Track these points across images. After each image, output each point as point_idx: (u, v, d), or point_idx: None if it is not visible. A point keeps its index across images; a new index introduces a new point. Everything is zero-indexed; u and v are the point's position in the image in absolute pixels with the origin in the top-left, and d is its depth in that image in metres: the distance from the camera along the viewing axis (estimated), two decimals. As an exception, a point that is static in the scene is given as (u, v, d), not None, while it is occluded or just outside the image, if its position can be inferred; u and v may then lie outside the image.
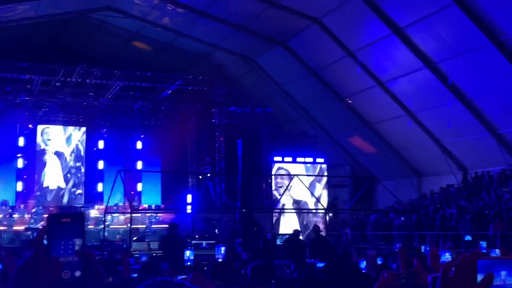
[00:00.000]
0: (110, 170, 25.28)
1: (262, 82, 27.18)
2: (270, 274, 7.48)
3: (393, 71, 21.60)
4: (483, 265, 1.29)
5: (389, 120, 23.69)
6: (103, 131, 27.53)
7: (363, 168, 27.56)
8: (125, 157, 27.80)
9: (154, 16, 23.84)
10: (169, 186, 28.27)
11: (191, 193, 27.87)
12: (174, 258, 11.41)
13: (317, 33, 21.73)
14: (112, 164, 25.86)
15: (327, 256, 12.49)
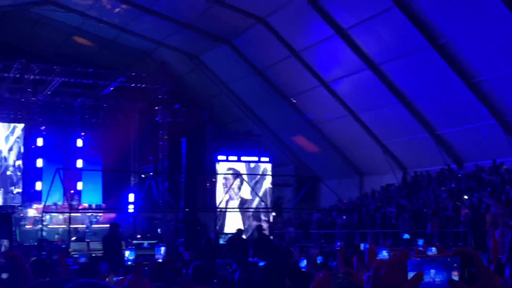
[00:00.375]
0: (49, 168, 24.58)
1: (207, 80, 27.05)
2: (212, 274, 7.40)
3: (337, 72, 21.89)
4: (414, 264, 1.31)
5: (332, 120, 24.00)
6: (42, 128, 26.73)
7: (307, 168, 27.83)
8: (65, 155, 27.09)
9: (96, 11, 23.34)
10: (111, 185, 27.75)
11: (133, 192, 27.44)
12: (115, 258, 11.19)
13: (262, 33, 21.78)
14: (52, 162, 25.13)
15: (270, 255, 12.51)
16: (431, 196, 20.24)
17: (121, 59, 27.69)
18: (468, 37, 17.24)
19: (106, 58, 27.71)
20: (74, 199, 25.64)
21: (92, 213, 25.30)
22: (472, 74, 18.19)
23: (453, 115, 19.89)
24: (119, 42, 26.35)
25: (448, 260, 1.32)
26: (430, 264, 1.31)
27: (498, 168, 19.35)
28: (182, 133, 28.02)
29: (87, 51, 27.77)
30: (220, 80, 26.65)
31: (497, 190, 17.65)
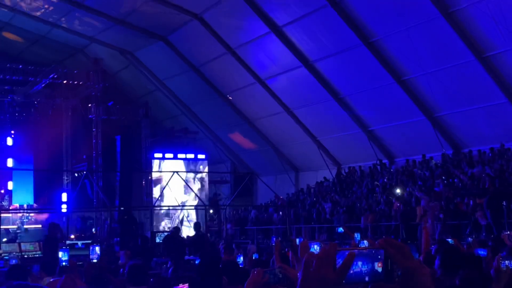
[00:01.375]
0: (-24, 168, 23.69)
1: (142, 77, 26.70)
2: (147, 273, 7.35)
3: (272, 69, 22.06)
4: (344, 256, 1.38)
5: (268, 117, 24.19)
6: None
7: (244, 164, 27.97)
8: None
9: (26, 5, 22.59)
10: (43, 184, 26.96)
11: (66, 192, 26.77)
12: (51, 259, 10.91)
13: (198, 29, 21.69)
14: (-21, 161, 24.24)
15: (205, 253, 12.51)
16: (364, 191, 20.75)
17: (53, 55, 26.93)
18: (398, 35, 17.77)
19: (37, 54, 26.89)
20: (5, 199, 24.82)
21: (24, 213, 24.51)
22: (402, 71, 18.76)
23: (384, 111, 20.46)
24: (50, 37, 25.61)
25: (373, 252, 1.41)
26: (358, 257, 1.39)
27: (427, 162, 20.06)
28: (116, 130, 27.53)
29: (17, 46, 26.85)
30: (155, 76, 26.36)
31: (426, 185, 18.29)
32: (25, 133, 26.75)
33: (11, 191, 26.21)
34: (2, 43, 26.57)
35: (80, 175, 26.32)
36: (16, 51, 27.10)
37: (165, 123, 28.89)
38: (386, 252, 1.43)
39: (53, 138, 26.62)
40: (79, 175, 26.62)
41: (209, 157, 27.13)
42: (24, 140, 26.77)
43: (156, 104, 27.75)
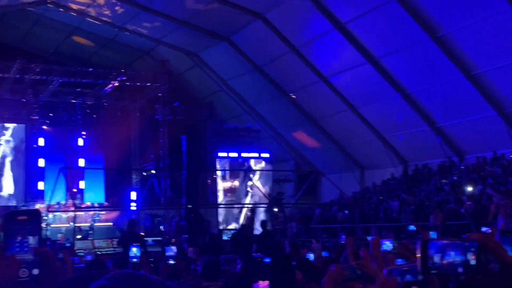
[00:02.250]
0: (51, 168, 24.66)
1: (206, 77, 27.07)
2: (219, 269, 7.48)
3: (336, 66, 21.91)
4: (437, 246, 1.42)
5: (332, 115, 24.03)
6: (43, 128, 26.77)
7: (308, 163, 27.88)
8: (66, 154, 27.15)
9: (95, 10, 23.34)
10: (113, 183, 27.81)
11: (135, 190, 27.48)
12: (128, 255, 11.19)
13: (261, 28, 21.80)
14: (53, 161, 25.21)
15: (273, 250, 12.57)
16: (432, 189, 20.30)
17: (121, 57, 27.72)
18: (467, 29, 17.29)
19: (105, 57, 27.73)
20: (77, 198, 25.71)
21: (95, 211, 25.36)
22: (472, 66, 18.24)
23: (453, 107, 19.95)
24: (118, 41, 26.35)
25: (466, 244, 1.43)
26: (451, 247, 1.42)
27: (499, 159, 19.42)
28: (182, 130, 28.05)
29: (87, 50, 27.78)
30: (219, 77, 26.66)
31: (498, 182, 17.72)
32: (96, 134, 27.66)
33: (83, 190, 27.16)
34: (73, 47, 27.55)
35: (148, 174, 27.00)
36: (86, 55, 28.03)
37: (229, 123, 29.18)
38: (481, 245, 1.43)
39: (122, 139, 27.38)
40: (147, 174, 27.29)
41: (272, 156, 27.22)
42: (94, 140, 27.68)
43: (221, 104, 28.08)
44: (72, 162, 26.87)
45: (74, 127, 27.57)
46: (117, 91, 26.82)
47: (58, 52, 27.80)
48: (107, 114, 27.63)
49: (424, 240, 1.77)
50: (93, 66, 25.92)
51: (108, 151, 27.50)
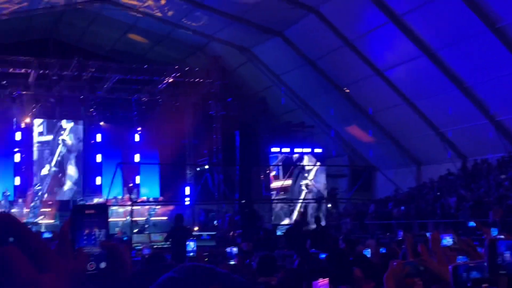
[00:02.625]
0: (108, 163, 25.24)
1: (259, 72, 27.08)
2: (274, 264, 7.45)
3: (391, 60, 21.54)
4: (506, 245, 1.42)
5: (387, 109, 23.65)
6: (100, 124, 27.43)
7: (362, 158, 27.55)
8: (122, 150, 27.74)
9: (150, 8, 23.70)
10: (167, 178, 28.23)
11: (189, 185, 27.85)
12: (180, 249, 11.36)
13: (314, 22, 21.64)
14: (110, 157, 25.80)
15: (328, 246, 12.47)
16: (492, 185, 19.72)
17: (175, 54, 28.06)
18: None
19: (160, 54, 28.14)
20: (133, 192, 26.22)
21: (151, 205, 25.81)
22: (534, 57, 17.60)
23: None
24: (172, 37, 26.67)
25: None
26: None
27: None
28: (235, 126, 28.20)
29: (142, 47, 28.25)
30: (272, 72, 26.64)
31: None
32: (151, 130, 28.13)
33: (138, 184, 27.69)
34: (128, 44, 28.07)
35: (201, 169, 27.29)
36: (141, 52, 28.51)
37: (282, 118, 29.14)
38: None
39: (176, 134, 27.77)
40: (201, 169, 27.59)
41: (326, 151, 27.03)
42: (149, 136, 28.17)
43: (273, 99, 28.06)
44: (128, 158, 27.44)
45: (130, 123, 28.12)
46: (172, 88, 27.19)
47: (114, 49, 28.39)
48: (161, 110, 28.05)
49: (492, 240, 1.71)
50: (148, 63, 26.36)
51: (163, 147, 27.94)
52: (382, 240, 18.18)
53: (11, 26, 25.16)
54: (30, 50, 24.86)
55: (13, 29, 25.67)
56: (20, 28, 25.98)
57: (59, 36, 28.31)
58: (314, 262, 8.43)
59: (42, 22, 26.29)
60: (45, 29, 27.60)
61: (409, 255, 5.75)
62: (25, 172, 26.06)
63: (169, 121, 27.63)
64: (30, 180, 26.11)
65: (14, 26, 25.27)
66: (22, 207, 24.76)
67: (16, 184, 25.62)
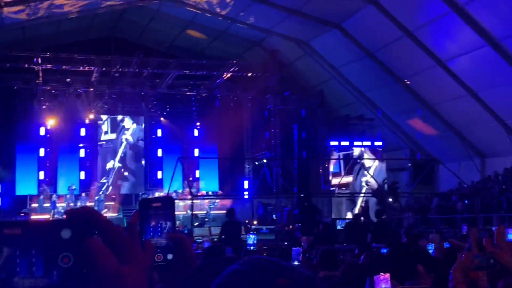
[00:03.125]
0: (168, 157, 25.73)
1: (317, 66, 26.89)
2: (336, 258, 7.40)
3: (454, 50, 20.93)
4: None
5: (449, 101, 23.03)
6: (161, 119, 27.96)
7: (423, 151, 26.97)
8: (182, 144, 28.22)
9: (207, 3, 23.91)
10: (226, 172, 28.51)
11: (247, 179, 28.02)
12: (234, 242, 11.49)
13: (373, 13, 21.26)
14: (170, 152, 26.31)
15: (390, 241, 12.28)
16: (562, 178, 18.94)
17: (232, 49, 28.22)
18: None
19: (218, 49, 28.36)
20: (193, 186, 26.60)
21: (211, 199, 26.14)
22: None
23: None
24: (230, 32, 26.83)
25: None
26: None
27: None
28: (293, 119, 28.15)
29: (200, 43, 28.54)
30: (330, 65, 26.40)
31: None
32: (209, 125, 28.47)
33: (198, 178, 28.08)
34: (187, 40, 28.42)
35: (260, 163, 27.39)
36: (199, 48, 28.83)
37: (340, 111, 28.86)
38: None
39: (234, 128, 27.99)
40: (259, 163, 27.69)
41: (386, 144, 26.60)
42: (208, 131, 28.51)
43: (331, 92, 27.82)
44: (188, 152, 27.88)
45: (189, 118, 28.56)
46: (229, 82, 27.39)
47: (174, 46, 28.81)
48: (220, 105, 28.33)
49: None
50: (206, 58, 26.64)
51: (222, 141, 28.22)
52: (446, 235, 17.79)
53: (74, 26, 25.93)
54: (93, 48, 25.58)
55: (76, 28, 26.44)
56: (83, 27, 26.74)
57: (120, 33, 28.98)
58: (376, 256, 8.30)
59: (103, 20, 26.97)
60: (106, 28, 28.31)
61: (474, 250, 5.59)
62: (89, 167, 26.89)
63: (228, 115, 27.87)
64: (95, 174, 26.92)
65: (77, 25, 26.02)
66: (86, 200, 25.53)
67: (81, 179, 26.46)
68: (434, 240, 12.18)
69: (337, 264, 7.18)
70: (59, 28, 25.48)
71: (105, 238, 1.04)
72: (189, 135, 28.67)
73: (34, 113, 25.90)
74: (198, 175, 28.09)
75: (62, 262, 0.98)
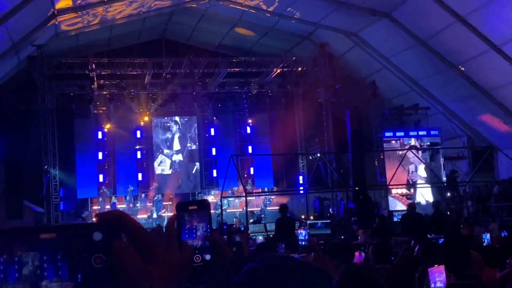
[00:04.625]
0: (222, 156, 25.96)
1: (367, 56, 26.53)
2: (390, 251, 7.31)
3: (508, 33, 20.25)
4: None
5: (507, 85, 22.31)
6: (213, 118, 28.25)
7: (482, 138, 26.22)
8: (235, 142, 28.42)
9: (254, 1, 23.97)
10: (280, 168, 28.54)
11: (302, 174, 27.95)
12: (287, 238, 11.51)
13: (423, 1, 20.82)
14: (224, 150, 26.53)
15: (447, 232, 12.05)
16: None
17: (281, 44, 28.20)
18: None
19: (267, 45, 28.39)
20: (248, 183, 26.78)
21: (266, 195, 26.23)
22: None
23: None
24: (278, 28, 26.81)
25: None
26: None
27: None
28: (346, 112, 27.88)
29: (249, 40, 28.65)
30: (381, 55, 26.00)
31: None
32: (262, 121, 28.56)
33: (253, 175, 28.23)
34: (236, 39, 28.58)
35: (314, 158, 27.28)
36: (248, 45, 28.94)
37: (394, 101, 28.39)
38: None
39: (286, 124, 27.99)
40: (313, 157, 27.59)
41: (442, 133, 26.00)
42: (261, 128, 28.60)
43: (384, 83, 27.39)
44: (241, 150, 28.07)
45: (241, 116, 28.73)
46: (280, 78, 27.38)
47: (223, 45, 29.03)
48: (271, 101, 28.36)
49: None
50: (256, 55, 26.72)
51: (275, 137, 28.26)
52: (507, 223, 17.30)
53: (125, 31, 26.50)
54: (144, 51, 26.10)
55: (128, 33, 27.01)
56: (134, 31, 27.29)
57: (170, 36, 29.42)
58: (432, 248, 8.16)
59: (153, 23, 27.43)
60: (156, 31, 28.79)
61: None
62: (146, 168, 27.45)
63: (279, 111, 27.89)
64: (152, 175, 27.48)
65: (128, 30, 26.58)
66: (146, 201, 26.09)
67: (139, 180, 27.05)
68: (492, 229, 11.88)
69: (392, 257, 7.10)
70: (111, 34, 26.10)
71: (133, 240, 1.09)
72: (242, 133, 28.86)
73: (91, 118, 26.66)
74: (253, 172, 28.24)
75: (95, 262, 1.04)
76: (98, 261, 1.04)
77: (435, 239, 10.80)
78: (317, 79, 26.98)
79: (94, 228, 1.06)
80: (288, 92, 28.37)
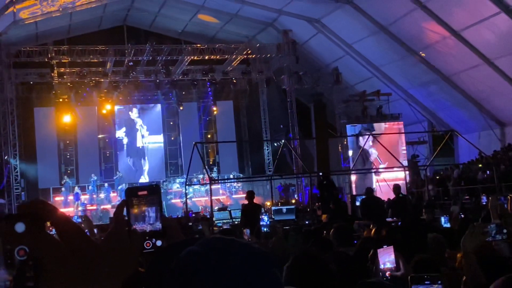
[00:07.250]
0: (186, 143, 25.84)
1: (331, 43, 26.68)
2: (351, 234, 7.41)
3: (468, 19, 20.59)
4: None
5: (466, 70, 22.72)
6: (177, 106, 28.04)
7: (442, 123, 26.71)
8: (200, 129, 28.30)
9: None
10: (246, 155, 28.57)
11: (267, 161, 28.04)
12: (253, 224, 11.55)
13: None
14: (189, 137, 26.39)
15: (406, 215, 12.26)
16: None
17: (245, 31, 28.11)
18: None
19: (230, 32, 28.27)
20: (213, 171, 26.73)
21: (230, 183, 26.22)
22: None
23: None
24: (242, 15, 26.71)
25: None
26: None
27: None
28: (309, 98, 28.02)
29: (212, 27, 28.46)
30: (344, 41, 26.17)
31: None
32: (226, 108, 28.49)
33: (218, 163, 28.19)
34: (199, 25, 28.36)
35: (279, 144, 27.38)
36: (212, 32, 28.76)
37: (356, 87, 28.65)
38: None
39: (251, 111, 27.98)
40: (278, 144, 27.69)
41: (404, 118, 26.38)
42: (225, 115, 28.54)
43: (346, 69, 27.59)
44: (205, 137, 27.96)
45: (206, 103, 28.59)
46: (244, 65, 27.32)
47: (186, 31, 28.78)
48: (236, 87, 28.30)
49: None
50: (219, 42, 26.57)
51: (239, 124, 28.25)
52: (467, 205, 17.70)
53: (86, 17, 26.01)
54: (106, 39, 25.68)
55: (88, 20, 26.52)
56: (94, 18, 26.81)
57: (132, 22, 29.01)
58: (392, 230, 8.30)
59: (114, 10, 26.99)
60: (117, 17, 28.34)
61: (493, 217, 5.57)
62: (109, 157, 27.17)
63: (244, 98, 27.86)
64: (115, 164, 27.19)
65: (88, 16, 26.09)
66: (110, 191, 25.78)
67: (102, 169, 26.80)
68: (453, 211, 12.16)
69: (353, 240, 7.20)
70: (71, 21, 25.60)
71: (59, 231, 1.06)
72: (206, 120, 28.75)
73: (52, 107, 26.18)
74: (218, 159, 28.21)
75: (18, 254, 0.99)
76: (21, 253, 0.99)
77: (395, 222, 11.00)
78: (281, 65, 27.02)
79: (16, 219, 1.00)
80: (253, 79, 28.34)
